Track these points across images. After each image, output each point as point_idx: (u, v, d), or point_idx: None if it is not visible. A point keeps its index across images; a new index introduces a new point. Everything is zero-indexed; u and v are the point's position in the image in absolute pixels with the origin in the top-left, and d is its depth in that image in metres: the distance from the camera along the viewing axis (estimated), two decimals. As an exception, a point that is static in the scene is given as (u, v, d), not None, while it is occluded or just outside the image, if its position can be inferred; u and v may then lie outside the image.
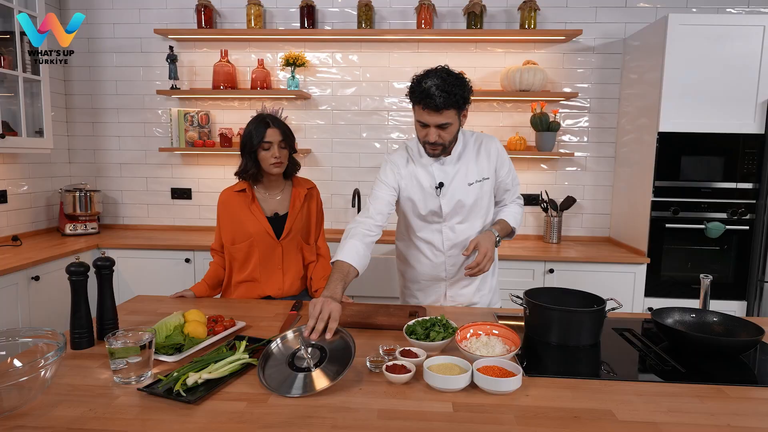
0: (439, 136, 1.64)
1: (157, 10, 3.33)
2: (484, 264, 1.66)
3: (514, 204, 1.92)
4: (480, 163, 1.79)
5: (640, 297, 2.85)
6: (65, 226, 3.21)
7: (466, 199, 1.78)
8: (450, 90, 1.55)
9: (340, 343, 1.28)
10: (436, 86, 1.55)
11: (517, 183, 1.92)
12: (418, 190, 1.79)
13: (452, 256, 1.84)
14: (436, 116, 1.59)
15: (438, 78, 1.56)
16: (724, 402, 1.13)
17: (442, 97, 1.54)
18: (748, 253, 2.80)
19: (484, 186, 1.79)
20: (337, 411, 1.07)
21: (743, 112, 2.69)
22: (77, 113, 3.48)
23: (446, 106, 1.57)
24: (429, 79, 1.57)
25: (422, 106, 1.58)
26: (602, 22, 3.19)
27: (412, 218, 1.84)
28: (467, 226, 1.82)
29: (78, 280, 1.37)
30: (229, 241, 1.93)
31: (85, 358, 1.32)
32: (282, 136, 1.87)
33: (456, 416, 1.05)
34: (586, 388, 1.19)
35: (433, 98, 1.54)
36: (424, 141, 1.68)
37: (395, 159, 1.83)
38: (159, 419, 1.02)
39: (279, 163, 1.87)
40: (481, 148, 1.80)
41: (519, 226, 1.90)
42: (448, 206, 1.78)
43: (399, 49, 3.29)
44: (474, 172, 1.78)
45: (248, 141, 1.86)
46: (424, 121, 1.63)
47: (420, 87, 1.57)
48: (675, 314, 1.54)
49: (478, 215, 1.82)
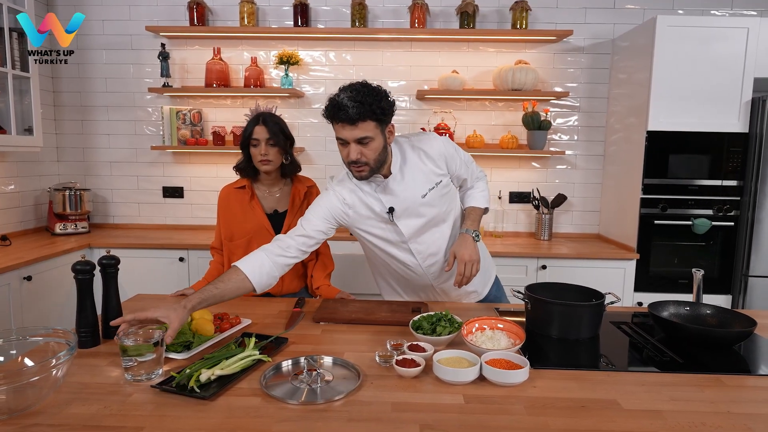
0: (361, 153, 1.50)
1: (148, 6, 3.30)
2: (469, 271, 1.63)
3: (477, 181, 1.84)
4: (425, 170, 1.65)
5: (630, 291, 2.92)
6: (55, 225, 3.17)
7: (425, 212, 1.67)
8: (363, 100, 1.44)
9: (348, 373, 1.24)
10: (348, 98, 1.44)
11: (471, 162, 1.81)
12: (372, 219, 1.68)
13: (431, 264, 1.76)
14: (351, 130, 1.47)
15: (352, 90, 1.47)
16: (722, 390, 1.18)
17: (355, 107, 1.43)
18: (733, 248, 2.88)
19: (439, 188, 1.67)
20: (351, 405, 1.08)
21: (728, 111, 2.77)
22: (66, 111, 3.42)
23: (361, 117, 1.45)
24: (343, 92, 1.48)
25: (336, 120, 1.48)
26: (591, 22, 3.25)
27: (377, 243, 1.74)
28: (433, 233, 1.72)
29: (84, 279, 1.36)
30: (228, 237, 1.94)
31: (92, 357, 1.32)
32: (269, 134, 1.87)
33: (467, 408, 1.08)
34: (590, 379, 1.22)
35: (346, 109, 1.43)
36: (348, 161, 1.55)
37: (339, 190, 1.68)
38: (176, 415, 1.03)
39: (266, 161, 1.87)
40: (421, 156, 1.66)
41: (488, 201, 1.84)
42: (407, 228, 1.67)
43: (392, 48, 3.31)
44: (423, 182, 1.65)
45: (243, 136, 1.90)
46: (341, 137, 1.51)
47: (333, 101, 1.48)
48: (670, 307, 1.59)
49: (444, 219, 1.73)
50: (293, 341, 1.44)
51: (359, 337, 1.49)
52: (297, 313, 1.66)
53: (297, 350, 1.39)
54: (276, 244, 1.60)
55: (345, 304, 1.75)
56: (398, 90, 3.34)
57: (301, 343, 1.43)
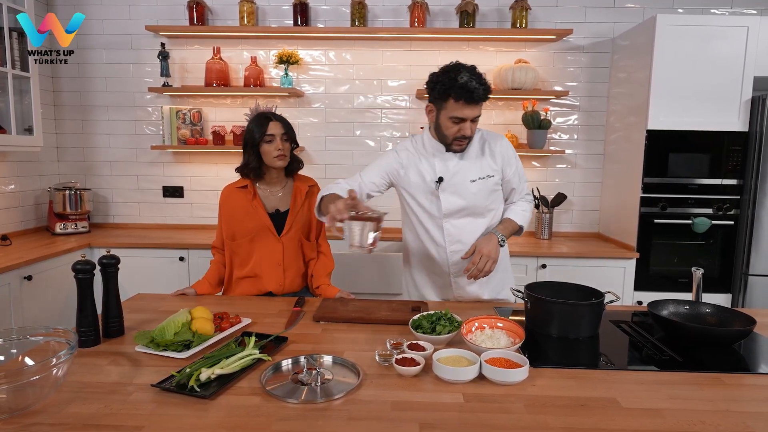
0: (471, 129, 1.68)
1: (148, 6, 3.30)
2: (483, 264, 1.67)
3: (522, 201, 1.91)
4: (484, 160, 1.80)
5: (630, 290, 2.92)
6: (55, 225, 3.17)
7: (467, 195, 1.78)
8: (484, 83, 1.61)
9: (348, 372, 1.24)
10: (475, 80, 1.58)
11: (525, 180, 1.91)
12: (419, 182, 1.80)
13: (455, 252, 1.84)
14: (473, 108, 1.63)
15: (472, 73, 1.61)
16: (721, 389, 1.18)
17: (482, 89, 1.59)
18: (733, 247, 2.88)
19: (488, 183, 1.79)
20: (351, 403, 1.09)
21: (728, 110, 2.77)
22: (66, 111, 3.43)
23: (483, 98, 1.62)
24: (461, 74, 1.59)
25: (465, 100, 1.60)
26: (591, 21, 3.25)
27: (416, 210, 1.85)
28: (468, 222, 1.81)
29: (84, 278, 1.36)
30: (230, 236, 1.94)
31: (93, 356, 1.32)
32: (284, 129, 1.90)
33: (467, 406, 1.08)
34: (589, 378, 1.22)
35: (476, 91, 1.58)
36: (458, 136, 1.69)
37: (400, 147, 1.87)
38: (175, 414, 1.03)
39: (282, 156, 1.89)
40: (486, 146, 1.81)
41: (526, 223, 1.89)
42: (447, 201, 1.79)
43: (392, 48, 3.30)
44: (476, 169, 1.78)
45: (250, 136, 1.89)
46: (462, 116, 1.64)
47: (457, 82, 1.58)
48: (670, 306, 1.59)
49: (480, 212, 1.82)
50: (293, 340, 1.44)
51: (359, 336, 1.50)
52: (297, 313, 1.66)
53: (297, 349, 1.39)
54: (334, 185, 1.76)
55: (345, 303, 1.75)
56: (398, 89, 3.34)
57: (301, 342, 1.43)
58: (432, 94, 1.67)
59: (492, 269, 1.71)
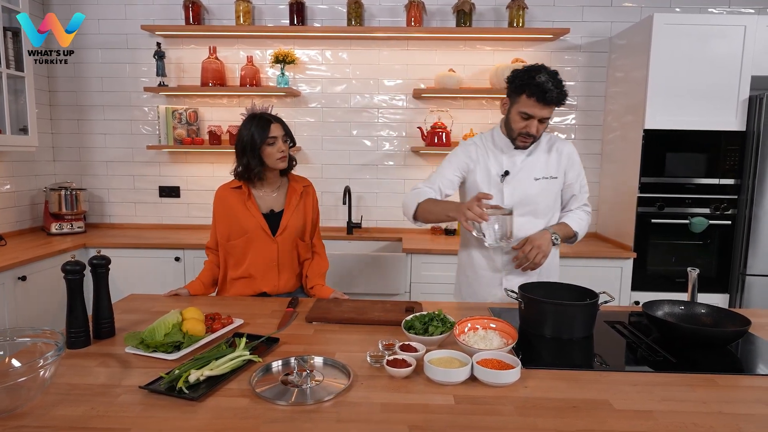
0: (538, 129, 1.71)
1: (144, 5, 3.29)
2: (533, 255, 1.70)
3: (580, 210, 1.92)
4: (549, 161, 1.83)
5: (627, 291, 2.91)
6: (51, 225, 3.16)
7: (530, 192, 1.81)
8: (561, 87, 1.64)
9: (339, 374, 1.23)
10: (551, 82, 1.61)
11: (586, 191, 1.92)
12: (485, 176, 1.83)
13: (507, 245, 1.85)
14: (545, 110, 1.66)
15: (551, 75, 1.63)
16: (714, 390, 1.17)
17: (556, 92, 1.62)
18: (731, 247, 2.88)
19: (551, 184, 1.83)
20: (340, 405, 1.08)
21: (725, 110, 2.76)
22: (62, 110, 3.42)
23: (556, 102, 1.65)
24: (540, 73, 1.62)
25: (537, 98, 1.63)
26: (589, 21, 3.24)
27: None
28: (528, 221, 1.82)
29: (74, 279, 1.35)
30: (225, 237, 1.93)
31: (82, 358, 1.31)
32: (284, 130, 1.90)
33: (457, 408, 1.07)
34: (582, 379, 1.21)
35: (550, 92, 1.61)
36: (522, 132, 1.72)
37: (469, 141, 1.91)
38: (163, 416, 1.02)
39: (284, 157, 1.89)
40: (553, 148, 1.85)
41: (583, 233, 1.90)
42: (511, 196, 1.81)
43: (389, 47, 3.29)
44: (541, 169, 1.82)
45: (251, 140, 1.84)
46: (530, 113, 1.67)
47: (534, 80, 1.62)
48: (665, 306, 1.58)
49: (541, 212, 1.84)
50: (285, 341, 1.43)
51: (352, 337, 1.49)
52: (290, 313, 1.65)
53: (288, 350, 1.38)
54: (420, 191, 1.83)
55: (338, 303, 1.74)
56: (394, 89, 3.33)
57: (293, 343, 1.42)
58: (509, 87, 1.72)
59: (541, 262, 1.74)
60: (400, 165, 3.41)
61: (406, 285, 2.94)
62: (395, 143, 3.39)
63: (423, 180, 1.93)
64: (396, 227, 3.45)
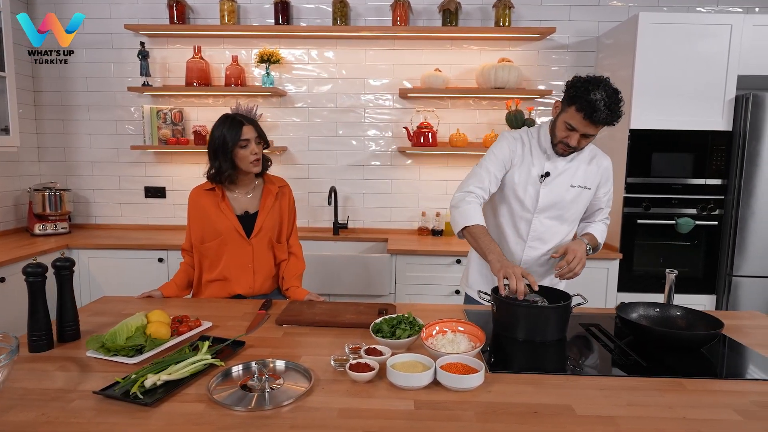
0: (579, 143, 1.67)
1: (128, 5, 3.27)
2: (575, 264, 1.68)
3: (602, 223, 1.93)
4: (588, 171, 1.81)
5: (613, 292, 2.89)
6: (34, 226, 3.14)
7: (565, 197, 1.79)
8: (614, 109, 1.56)
9: (300, 378, 1.21)
10: (603, 101, 1.54)
11: (610, 205, 1.93)
12: (524, 174, 1.80)
13: (532, 248, 1.84)
14: (591, 127, 1.61)
15: (607, 94, 1.56)
16: (682, 395, 1.15)
17: (606, 113, 1.55)
18: (717, 248, 2.86)
19: (583, 194, 1.81)
20: (297, 411, 1.06)
21: (712, 109, 2.74)
22: (47, 110, 3.39)
23: (605, 123, 1.59)
24: (597, 90, 1.55)
25: (584, 115, 1.58)
26: (576, 20, 3.22)
27: (510, 200, 1.84)
28: (555, 225, 1.82)
29: (35, 282, 1.33)
30: (199, 239, 1.91)
31: (43, 362, 1.29)
32: (257, 131, 1.86)
33: (416, 414, 1.05)
34: (548, 384, 1.19)
35: (599, 113, 1.55)
36: (563, 141, 1.69)
37: (515, 135, 1.85)
38: (113, 422, 1.00)
39: (257, 161, 1.86)
40: (593, 160, 1.83)
41: (603, 242, 1.93)
42: (546, 198, 1.78)
43: (375, 46, 3.27)
44: (580, 177, 1.80)
45: (222, 142, 1.82)
46: (575, 126, 1.63)
47: (588, 96, 1.56)
48: (640, 309, 1.56)
49: (568, 218, 1.83)
50: (251, 344, 1.41)
51: (321, 340, 1.46)
52: (261, 316, 1.63)
53: (254, 354, 1.35)
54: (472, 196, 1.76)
55: (311, 306, 1.72)
56: (381, 88, 3.31)
57: (259, 347, 1.40)
58: (565, 93, 1.66)
59: (580, 273, 1.72)
60: (387, 165, 3.39)
61: (391, 286, 2.92)
62: (381, 143, 3.37)
63: (470, 176, 1.83)
64: (382, 228, 3.43)
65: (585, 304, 1.52)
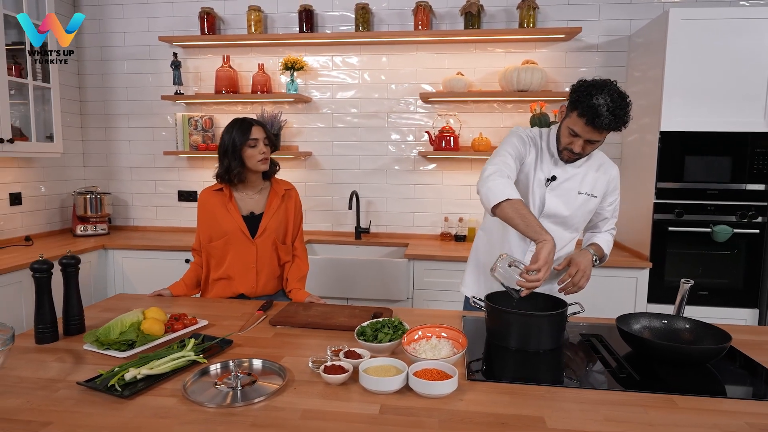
0: (583, 149, 1.61)
1: (164, 18, 3.44)
2: (578, 278, 1.63)
3: (608, 233, 1.88)
4: (596, 180, 1.75)
5: (643, 303, 2.74)
6: (76, 227, 3.35)
7: (571, 203, 1.73)
8: (618, 114, 1.49)
9: (275, 377, 1.23)
10: (606, 107, 1.47)
11: (617, 215, 1.87)
12: (531, 174, 1.74)
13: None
14: (594, 133, 1.54)
15: (609, 97, 1.48)
16: (669, 412, 1.07)
17: (609, 119, 1.48)
18: (760, 258, 2.65)
19: (589, 202, 1.75)
20: (261, 410, 1.07)
21: (752, 109, 2.55)
22: (91, 119, 3.62)
23: (609, 129, 1.52)
24: (601, 95, 1.48)
25: (586, 120, 1.51)
26: (606, 19, 3.10)
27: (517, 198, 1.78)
28: (559, 231, 1.75)
29: (41, 277, 1.42)
30: (207, 238, 1.97)
31: (46, 353, 1.37)
32: (265, 133, 1.93)
33: (380, 419, 1.04)
34: (526, 394, 1.15)
35: (602, 118, 1.48)
36: (567, 148, 1.63)
37: (527, 134, 1.76)
38: (88, 412, 1.05)
39: (265, 159, 1.92)
40: (601, 168, 1.76)
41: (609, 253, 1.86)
42: (551, 202, 1.73)
43: (397, 51, 3.28)
44: (588, 185, 1.74)
45: (231, 142, 1.89)
46: (578, 132, 1.57)
47: (590, 100, 1.49)
48: (643, 320, 1.48)
49: (572, 225, 1.78)
50: (239, 344, 1.44)
51: (310, 341, 1.48)
52: (258, 316, 1.66)
53: (241, 353, 1.38)
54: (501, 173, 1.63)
55: (307, 308, 1.73)
56: (403, 92, 3.31)
57: (247, 346, 1.43)
58: (569, 97, 1.60)
59: (584, 286, 1.66)
60: (409, 170, 3.38)
61: (409, 291, 2.90)
62: (404, 147, 3.36)
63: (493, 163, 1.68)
64: (404, 233, 3.41)
65: (582, 312, 1.45)
